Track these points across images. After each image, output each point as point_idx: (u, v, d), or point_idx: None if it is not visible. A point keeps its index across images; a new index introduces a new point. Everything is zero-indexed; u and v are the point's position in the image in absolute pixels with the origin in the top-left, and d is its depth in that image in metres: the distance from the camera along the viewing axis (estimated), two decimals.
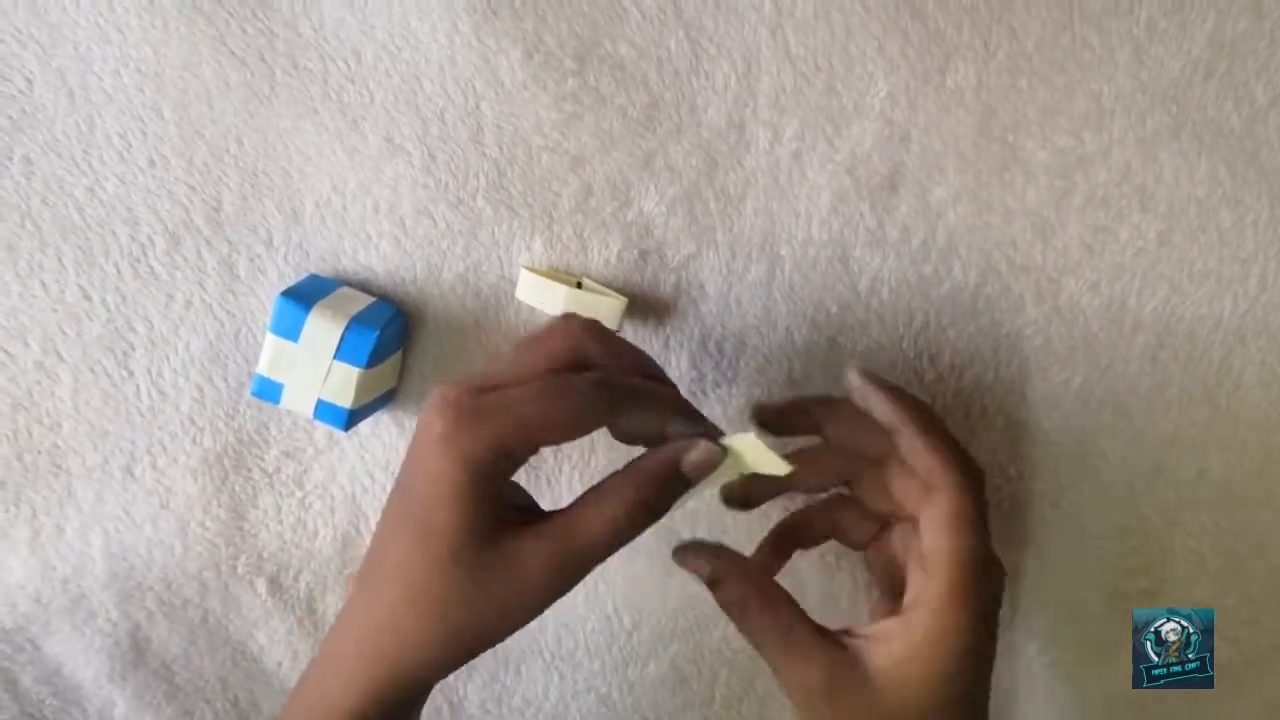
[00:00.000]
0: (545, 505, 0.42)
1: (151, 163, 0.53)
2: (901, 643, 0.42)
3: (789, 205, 0.52)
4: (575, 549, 0.38)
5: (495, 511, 0.37)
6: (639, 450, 0.41)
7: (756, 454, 0.42)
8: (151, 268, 0.54)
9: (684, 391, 0.55)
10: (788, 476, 0.42)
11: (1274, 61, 0.49)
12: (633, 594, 0.58)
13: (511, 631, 0.39)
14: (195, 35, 0.51)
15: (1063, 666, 0.59)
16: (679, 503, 0.41)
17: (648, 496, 0.39)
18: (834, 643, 0.43)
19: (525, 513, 0.40)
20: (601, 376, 0.39)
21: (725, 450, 0.41)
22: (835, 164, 0.52)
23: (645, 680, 0.60)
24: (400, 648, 0.38)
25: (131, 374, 0.55)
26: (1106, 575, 0.57)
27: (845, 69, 0.51)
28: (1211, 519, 0.56)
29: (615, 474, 0.40)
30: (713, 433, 0.42)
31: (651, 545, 0.57)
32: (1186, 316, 0.53)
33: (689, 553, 0.45)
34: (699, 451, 0.40)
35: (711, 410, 0.55)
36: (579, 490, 0.53)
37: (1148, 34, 0.49)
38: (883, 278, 0.53)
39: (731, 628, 0.45)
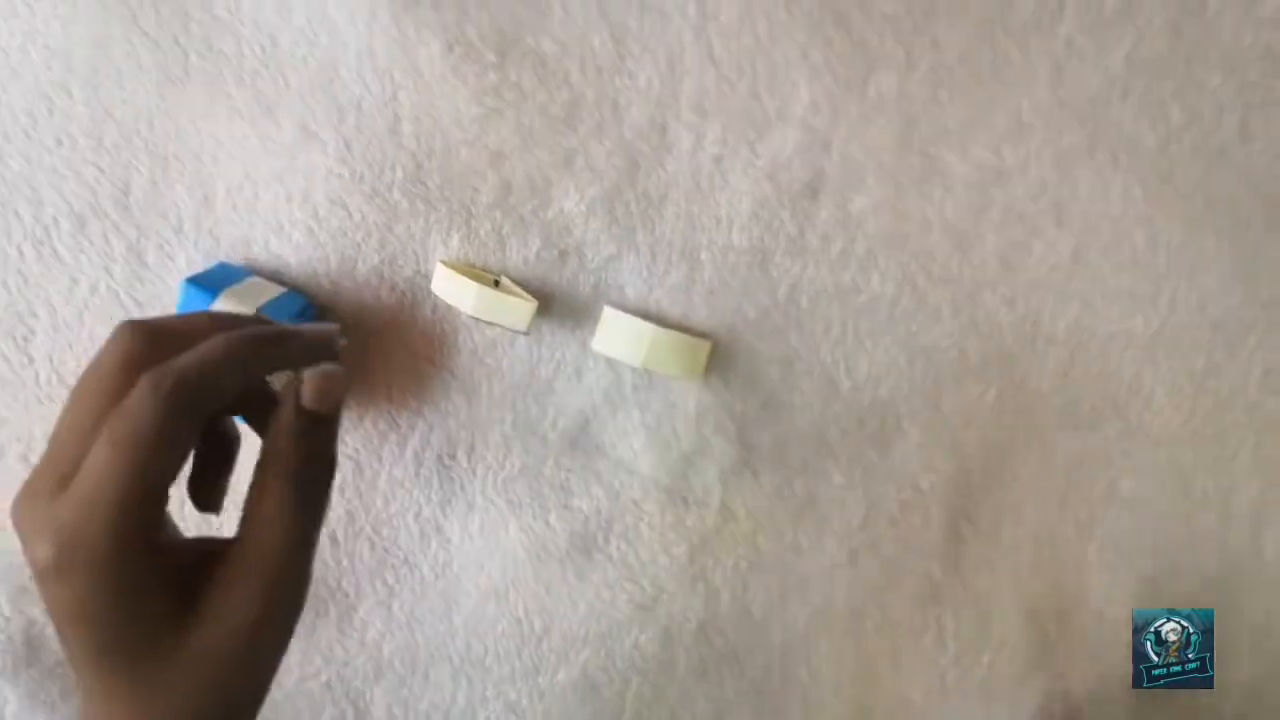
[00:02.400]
0: (459, 508, 0.40)
1: (59, 142, 0.51)
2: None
3: (710, 209, 0.52)
4: (271, 570, 0.33)
5: (143, 598, 0.31)
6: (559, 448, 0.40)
7: None
8: (55, 250, 0.52)
9: (600, 395, 0.54)
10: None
11: (1190, 83, 0.50)
12: (543, 599, 0.57)
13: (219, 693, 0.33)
14: (107, 13, 0.50)
15: (976, 680, 0.58)
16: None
17: (295, 454, 0.34)
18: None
19: (194, 552, 0.34)
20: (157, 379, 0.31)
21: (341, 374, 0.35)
22: (757, 169, 0.51)
23: (555, 687, 0.59)
24: None
25: (32, 360, 0.54)
26: (1021, 590, 0.57)
27: (769, 74, 0.50)
28: (1124, 536, 0.56)
29: (255, 472, 0.34)
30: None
31: (563, 550, 0.56)
32: (1099, 333, 0.53)
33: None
34: (310, 386, 0.34)
35: (628, 414, 0.54)
36: (492, 494, 0.52)
37: (1067, 51, 0.50)
38: (802, 286, 0.53)
39: (645, 635, 0.43)
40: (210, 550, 0.33)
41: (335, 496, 0.56)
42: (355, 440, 0.55)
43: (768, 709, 0.58)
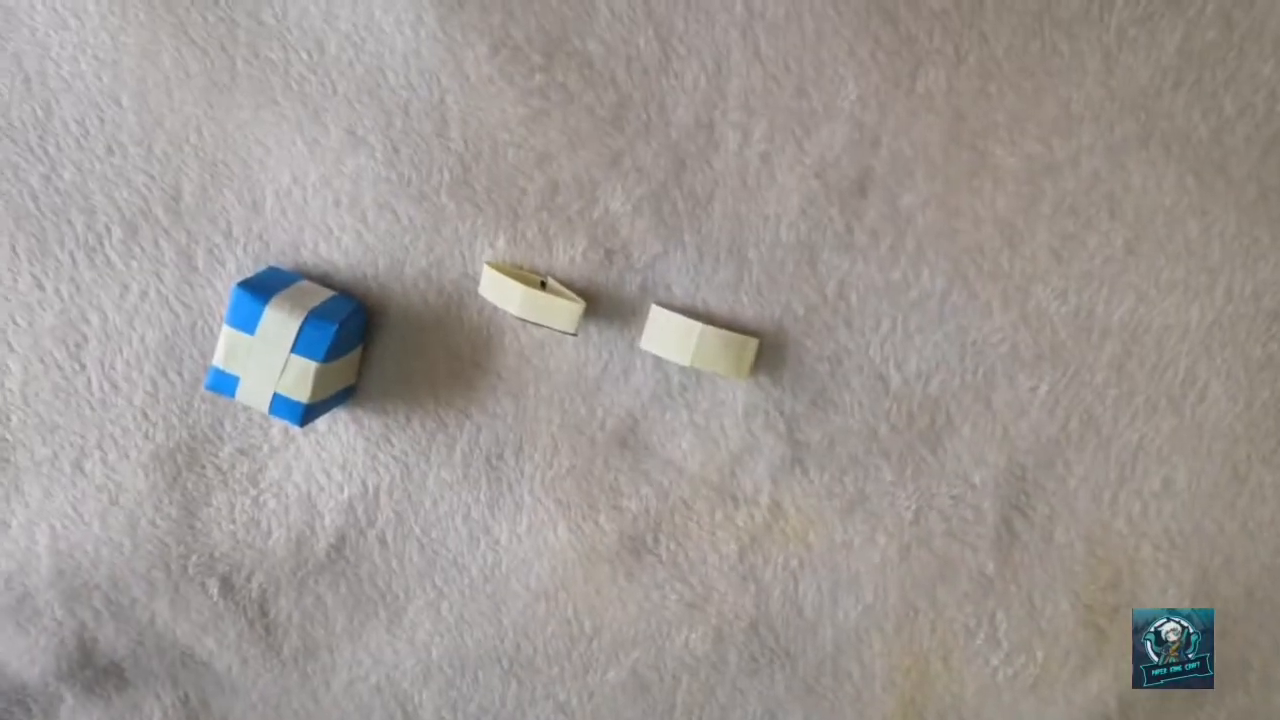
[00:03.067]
0: (507, 509, 0.41)
1: (109, 150, 0.52)
2: None
3: (757, 207, 0.52)
4: None
5: None
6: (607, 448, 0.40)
7: None
8: (107, 257, 0.53)
9: (649, 395, 0.54)
10: None
11: (1242, 72, 0.49)
12: (593, 599, 0.57)
13: None
14: (155, 22, 0.50)
15: (1028, 678, 0.58)
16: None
17: None
18: None
19: None
20: None
21: None
22: (804, 167, 0.51)
23: (605, 687, 0.59)
24: None
25: (84, 366, 0.54)
26: (1074, 585, 0.56)
27: (816, 72, 0.50)
28: (1178, 530, 0.55)
29: None
30: None
31: (612, 550, 0.56)
32: (1153, 325, 0.52)
33: None
34: None
35: (676, 413, 0.54)
36: (540, 494, 0.53)
37: (1118, 42, 0.49)
38: (850, 282, 0.53)
39: (695, 634, 0.44)
40: None
41: (384, 499, 0.56)
42: (403, 442, 0.55)
43: (820, 707, 0.58)
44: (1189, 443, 0.54)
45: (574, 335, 0.51)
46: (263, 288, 0.50)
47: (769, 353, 0.53)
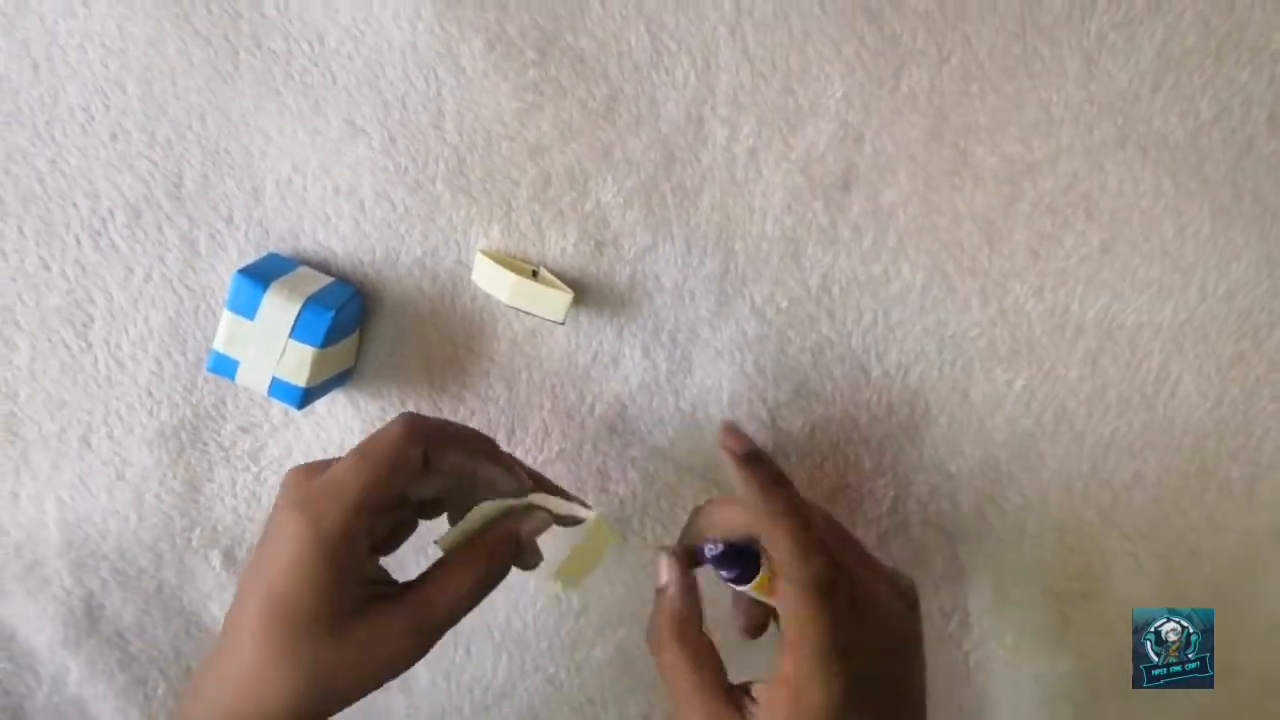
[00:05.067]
0: None
1: (114, 136, 0.53)
2: (770, 715, 0.40)
3: (744, 201, 0.53)
4: (429, 619, 0.42)
5: (347, 578, 0.40)
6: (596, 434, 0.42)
7: (596, 530, 0.48)
8: (112, 240, 0.55)
9: (637, 382, 0.56)
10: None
11: (1219, 77, 0.50)
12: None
13: (367, 691, 0.42)
14: (160, 12, 0.51)
15: (999, 662, 0.60)
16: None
17: (490, 565, 0.44)
18: (735, 708, 0.41)
19: (380, 585, 0.43)
20: (410, 419, 0.43)
21: (550, 515, 0.46)
22: (790, 162, 0.53)
23: (592, 662, 0.61)
24: (260, 705, 0.40)
25: (90, 345, 0.56)
26: (1045, 574, 0.58)
27: (802, 69, 0.51)
28: (1147, 522, 0.57)
29: (463, 548, 0.44)
30: (544, 487, 0.48)
31: None
32: (1127, 323, 0.54)
33: (665, 551, 0.46)
34: (532, 522, 0.45)
35: (663, 401, 0.56)
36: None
37: (1098, 46, 0.50)
38: (833, 275, 0.54)
39: None
40: (384, 592, 0.42)
41: None
42: None
43: None
44: (1160, 437, 0.56)
45: (562, 324, 0.53)
46: (262, 274, 0.51)
47: (754, 344, 0.55)
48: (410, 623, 0.41)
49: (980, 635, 0.60)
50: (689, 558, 0.46)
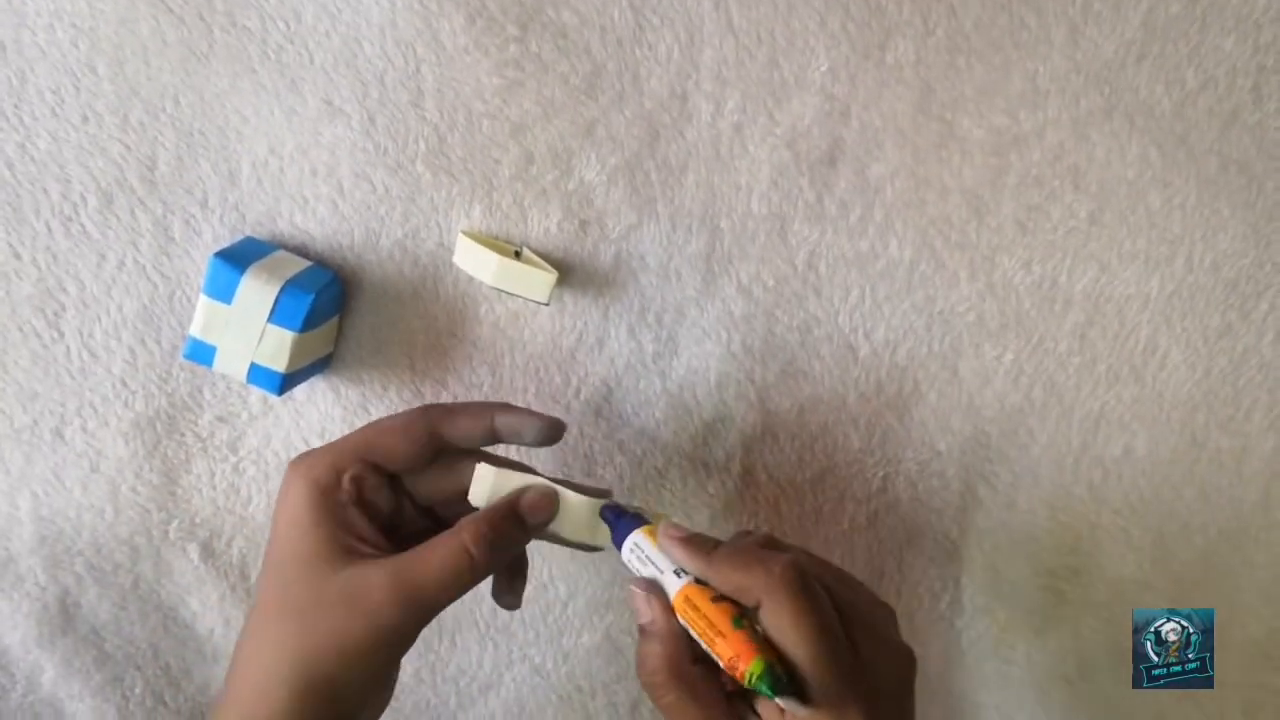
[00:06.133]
0: None
1: (85, 119, 0.52)
2: None
3: (729, 178, 0.53)
4: (416, 583, 0.40)
5: (333, 520, 0.42)
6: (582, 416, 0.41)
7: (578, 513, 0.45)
8: (84, 226, 0.53)
9: (623, 364, 0.55)
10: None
11: (1205, 45, 0.50)
12: (567, 564, 0.58)
13: (360, 661, 0.40)
14: None
15: (991, 640, 0.60)
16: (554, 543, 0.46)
17: (486, 534, 0.42)
18: None
19: (371, 546, 0.43)
20: (426, 405, 0.46)
21: (556, 493, 0.44)
22: (775, 137, 0.52)
23: (579, 650, 0.60)
24: (258, 658, 0.41)
25: (62, 335, 0.55)
26: (1036, 550, 0.58)
27: (787, 43, 0.51)
28: (1137, 496, 0.57)
29: (462, 520, 0.43)
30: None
31: None
32: (1115, 295, 0.54)
33: (637, 586, 0.43)
34: (533, 493, 0.44)
35: (650, 382, 0.55)
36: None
37: (1083, 15, 0.50)
38: (820, 252, 0.53)
39: None
40: (374, 554, 0.42)
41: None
42: (380, 411, 0.56)
43: None
44: (1149, 410, 0.56)
45: (547, 305, 0.52)
46: (239, 257, 0.50)
47: (741, 323, 0.54)
48: (392, 580, 0.40)
49: (972, 613, 0.59)
50: (657, 589, 0.43)
